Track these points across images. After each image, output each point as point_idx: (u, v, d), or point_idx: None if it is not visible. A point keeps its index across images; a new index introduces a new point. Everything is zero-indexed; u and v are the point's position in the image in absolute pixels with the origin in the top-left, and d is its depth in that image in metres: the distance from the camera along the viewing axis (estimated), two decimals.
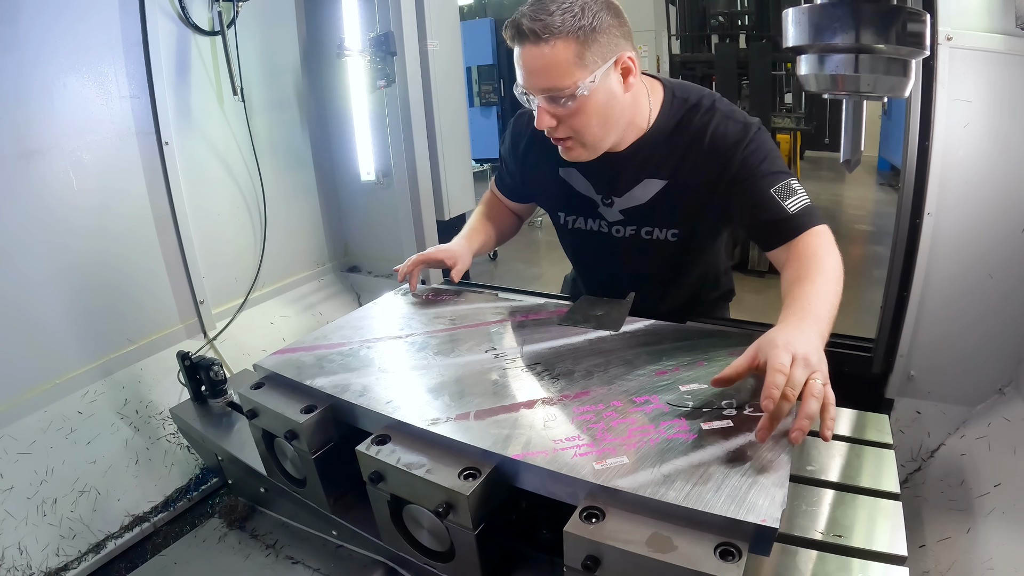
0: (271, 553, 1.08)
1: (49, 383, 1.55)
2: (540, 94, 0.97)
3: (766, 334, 0.78)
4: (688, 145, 1.07)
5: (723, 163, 1.04)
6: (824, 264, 0.93)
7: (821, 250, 0.96)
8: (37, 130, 1.51)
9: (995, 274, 1.23)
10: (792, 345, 0.73)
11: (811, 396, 0.69)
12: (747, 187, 1.03)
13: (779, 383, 0.69)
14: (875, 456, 0.86)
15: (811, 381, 0.70)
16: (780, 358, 0.72)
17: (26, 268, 1.50)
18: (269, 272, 2.20)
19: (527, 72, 0.97)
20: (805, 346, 0.74)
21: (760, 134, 1.05)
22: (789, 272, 0.96)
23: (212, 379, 1.23)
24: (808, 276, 0.90)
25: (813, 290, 0.87)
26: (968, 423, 1.29)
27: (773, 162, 1.03)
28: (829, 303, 0.86)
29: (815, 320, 0.81)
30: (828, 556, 0.69)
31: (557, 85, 0.95)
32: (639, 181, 1.12)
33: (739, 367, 0.78)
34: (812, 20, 0.74)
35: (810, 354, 0.73)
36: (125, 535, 1.38)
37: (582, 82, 0.95)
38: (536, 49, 0.93)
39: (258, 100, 2.12)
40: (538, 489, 0.73)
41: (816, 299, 0.85)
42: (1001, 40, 1.14)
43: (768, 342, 0.76)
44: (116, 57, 1.66)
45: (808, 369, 0.72)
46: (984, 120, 1.18)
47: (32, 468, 1.40)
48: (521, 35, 0.94)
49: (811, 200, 1.01)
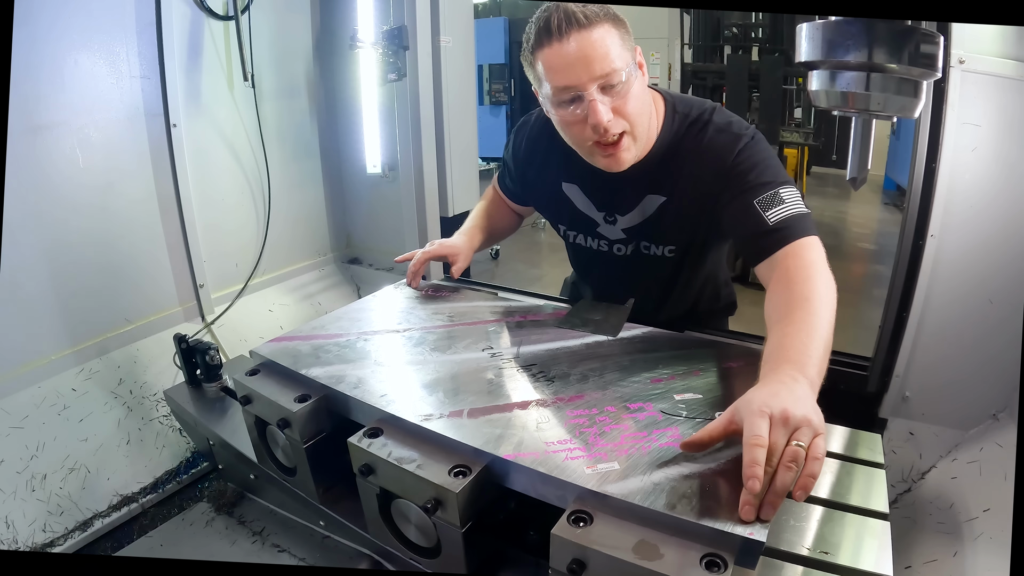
0: (257, 540, 1.08)
1: (44, 359, 1.55)
2: (596, 82, 0.92)
3: (745, 395, 0.69)
4: (685, 161, 1.05)
5: (716, 177, 1.01)
6: (810, 291, 0.83)
7: (807, 272, 0.87)
8: (46, 105, 1.51)
9: (995, 299, 1.23)
10: (769, 406, 0.64)
11: (784, 467, 0.61)
12: (733, 199, 0.98)
13: (758, 459, 0.61)
14: (866, 475, 0.86)
15: (788, 447, 0.62)
16: (755, 428, 0.63)
17: (27, 243, 1.50)
18: (270, 260, 2.19)
19: (581, 60, 0.90)
20: (784, 402, 0.65)
21: (752, 144, 1.00)
22: (772, 300, 0.87)
23: (208, 363, 1.23)
24: (792, 313, 0.81)
25: (796, 331, 0.78)
26: (960, 447, 1.29)
27: (763, 172, 0.97)
28: (818, 342, 0.77)
29: (798, 367, 0.72)
30: (814, 573, 0.69)
31: (614, 67, 0.91)
32: (642, 199, 1.10)
33: (713, 432, 0.69)
34: (826, 36, 0.74)
35: (789, 410, 0.64)
36: (113, 514, 1.38)
37: (631, 66, 0.94)
38: (588, 34, 0.90)
39: (268, 87, 2.12)
40: (527, 490, 0.73)
41: (800, 340, 0.77)
42: (1014, 66, 1.13)
43: (744, 404, 0.67)
44: (128, 37, 1.66)
45: (788, 429, 0.63)
46: (992, 145, 1.18)
47: (23, 443, 1.40)
48: (568, 23, 0.90)
49: (802, 209, 0.93)
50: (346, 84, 2.34)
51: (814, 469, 0.61)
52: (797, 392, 0.68)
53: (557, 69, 0.93)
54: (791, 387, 0.68)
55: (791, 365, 0.73)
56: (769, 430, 0.63)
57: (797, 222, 0.92)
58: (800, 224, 0.92)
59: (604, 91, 0.93)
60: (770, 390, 0.68)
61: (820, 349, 0.76)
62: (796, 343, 0.77)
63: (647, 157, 1.06)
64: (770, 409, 0.64)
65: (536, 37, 0.94)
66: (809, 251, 0.90)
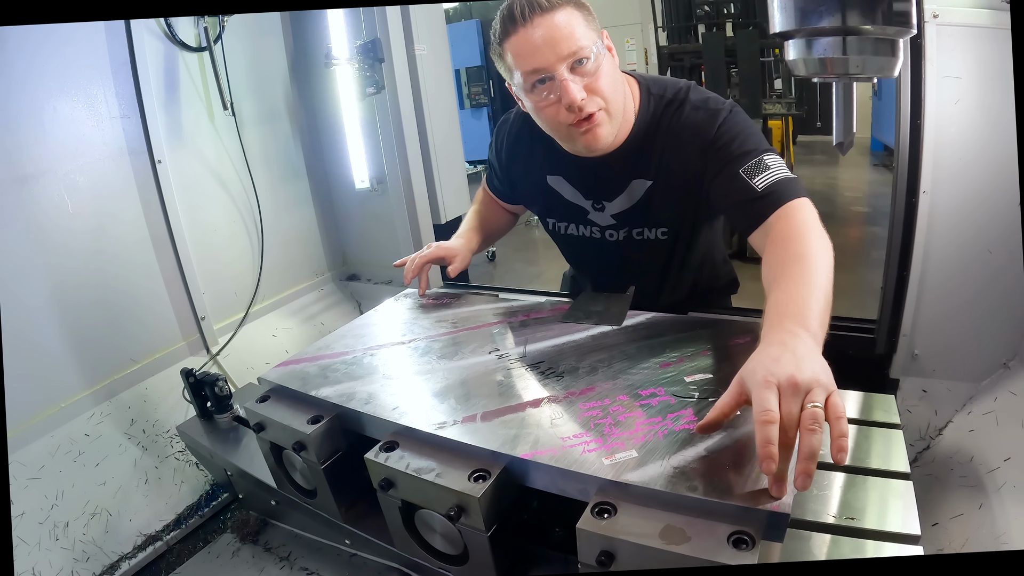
0: (285, 565, 1.08)
1: (55, 407, 1.55)
2: (563, 62, 0.93)
3: (748, 361, 0.68)
4: (666, 142, 1.06)
5: (698, 155, 1.02)
6: (805, 248, 0.82)
7: (800, 230, 0.86)
8: (29, 155, 1.51)
9: (994, 249, 1.23)
10: (775, 374, 0.62)
11: (807, 431, 0.58)
12: (719, 173, 0.98)
13: (771, 437, 0.58)
14: (883, 437, 0.86)
15: (805, 411, 0.60)
16: (764, 402, 0.61)
17: (25, 293, 1.50)
18: (268, 285, 2.19)
19: (545, 44, 0.92)
20: (788, 367, 0.63)
21: (731, 116, 1.01)
22: (768, 262, 0.86)
23: (217, 395, 1.23)
24: (788, 270, 0.80)
25: (794, 286, 0.77)
26: (975, 399, 1.29)
27: (744, 141, 0.98)
28: (817, 295, 0.75)
29: (798, 321, 0.71)
30: (842, 539, 0.69)
31: (580, 45, 0.92)
32: (628, 184, 1.11)
33: (724, 408, 0.67)
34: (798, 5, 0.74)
35: (795, 375, 0.62)
36: (139, 555, 1.38)
37: (598, 45, 0.95)
38: (550, 17, 0.91)
39: (249, 113, 2.11)
40: (548, 487, 0.73)
41: (799, 294, 0.75)
42: (987, 15, 1.13)
43: (750, 374, 0.65)
44: (104, 78, 1.66)
45: (798, 395, 0.61)
46: (974, 96, 1.18)
47: (42, 493, 1.40)
48: (531, 8, 0.91)
49: (788, 174, 0.94)
50: (326, 102, 2.34)
51: (842, 428, 0.59)
52: (800, 351, 0.66)
53: (525, 54, 0.94)
54: (793, 346, 0.66)
55: (791, 320, 0.71)
56: (779, 401, 0.61)
57: (785, 186, 0.92)
58: (789, 187, 0.92)
59: (574, 71, 0.94)
60: (772, 354, 0.66)
61: (820, 302, 0.75)
62: (795, 297, 0.75)
63: (627, 142, 1.07)
64: (776, 378, 0.62)
65: (502, 27, 0.95)
66: (801, 211, 0.90)
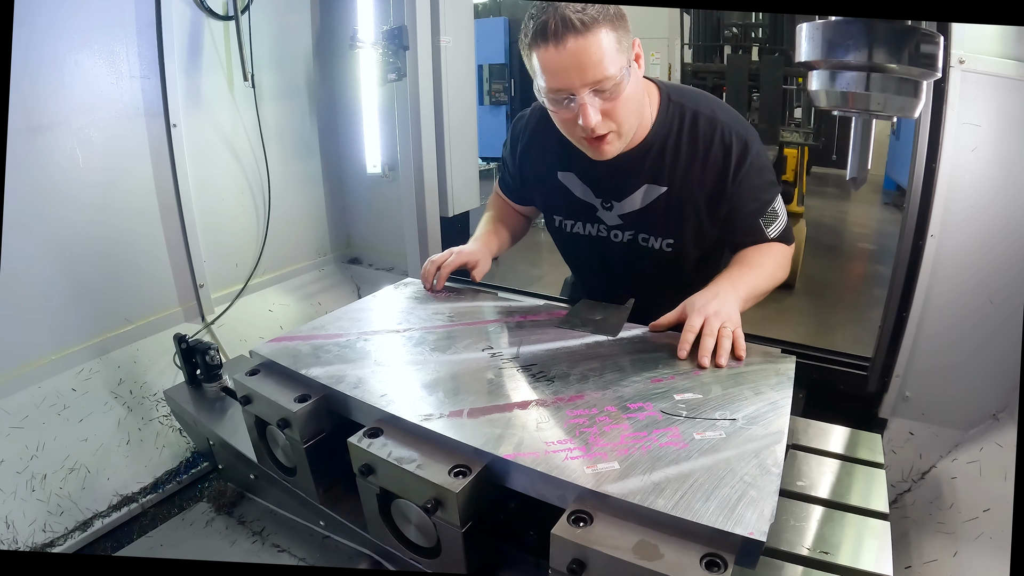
0: (257, 540, 1.08)
1: (44, 359, 1.55)
2: (589, 87, 0.94)
3: (691, 297, 1.01)
4: (691, 155, 1.08)
5: (723, 178, 1.07)
6: (765, 262, 1.10)
7: (771, 256, 1.12)
8: (46, 106, 1.51)
9: (995, 299, 1.23)
10: (706, 308, 0.96)
11: (706, 336, 0.92)
12: (738, 211, 1.10)
13: (689, 340, 0.94)
14: (866, 475, 0.86)
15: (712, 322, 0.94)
16: (692, 321, 0.95)
17: (27, 243, 1.50)
18: (270, 259, 2.19)
19: (575, 67, 0.92)
20: (716, 304, 0.96)
21: (759, 153, 1.09)
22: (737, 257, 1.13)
23: (208, 363, 1.23)
24: (741, 263, 1.09)
25: (741, 270, 1.07)
26: (960, 447, 1.29)
27: (766, 188, 1.11)
28: (752, 283, 1.05)
29: (733, 288, 1.01)
30: (814, 572, 0.69)
31: (607, 75, 0.93)
32: (640, 187, 1.12)
33: (669, 319, 1.02)
34: (826, 36, 0.74)
35: (720, 309, 0.95)
36: (113, 514, 1.38)
37: (625, 69, 0.95)
38: (584, 40, 0.90)
39: (268, 87, 2.12)
40: (527, 490, 0.73)
41: (742, 273, 1.06)
42: (1014, 66, 1.13)
43: (690, 304, 0.99)
44: (128, 36, 1.66)
45: (718, 320, 0.94)
46: (992, 145, 1.18)
47: (23, 443, 1.41)
48: (565, 28, 0.90)
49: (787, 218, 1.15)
50: (346, 84, 2.34)
51: (724, 345, 0.92)
52: (727, 299, 0.98)
53: (552, 72, 0.94)
54: (723, 296, 0.99)
55: (729, 283, 1.03)
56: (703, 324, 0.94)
57: (784, 235, 1.15)
58: (785, 236, 1.15)
59: (596, 93, 0.95)
60: (708, 296, 0.99)
61: (752, 289, 1.05)
62: (737, 274, 1.06)
63: (642, 146, 1.09)
64: (706, 311, 0.96)
65: (533, 36, 0.94)
66: (783, 251, 1.14)
